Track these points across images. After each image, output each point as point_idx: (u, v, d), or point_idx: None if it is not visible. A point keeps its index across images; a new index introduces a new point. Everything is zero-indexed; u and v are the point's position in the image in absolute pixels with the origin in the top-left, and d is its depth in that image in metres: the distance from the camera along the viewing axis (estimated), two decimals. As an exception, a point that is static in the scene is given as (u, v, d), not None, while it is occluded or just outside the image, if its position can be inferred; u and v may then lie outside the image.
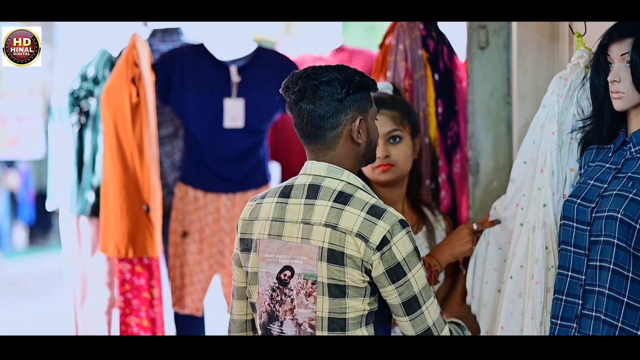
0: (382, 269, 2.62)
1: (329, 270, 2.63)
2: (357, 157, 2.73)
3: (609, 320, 2.78)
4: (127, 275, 4.32)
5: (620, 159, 2.89)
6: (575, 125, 3.06)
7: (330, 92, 2.66)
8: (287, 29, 8.28)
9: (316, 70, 2.70)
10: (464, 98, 3.77)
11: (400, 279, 2.63)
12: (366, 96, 2.71)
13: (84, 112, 4.60)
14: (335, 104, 2.67)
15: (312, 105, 2.67)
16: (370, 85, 2.72)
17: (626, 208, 2.75)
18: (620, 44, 2.81)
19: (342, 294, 2.64)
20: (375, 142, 2.76)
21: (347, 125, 2.69)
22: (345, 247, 2.62)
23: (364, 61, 4.74)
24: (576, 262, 2.89)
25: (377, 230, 2.61)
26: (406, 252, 2.63)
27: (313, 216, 2.66)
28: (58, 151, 4.77)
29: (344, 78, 2.67)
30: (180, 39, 4.64)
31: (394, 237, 2.62)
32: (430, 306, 2.67)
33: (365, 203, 2.64)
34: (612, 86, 2.84)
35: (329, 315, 2.64)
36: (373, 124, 2.75)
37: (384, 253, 2.61)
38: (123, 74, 4.26)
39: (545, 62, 3.53)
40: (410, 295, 2.64)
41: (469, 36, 3.69)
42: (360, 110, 2.69)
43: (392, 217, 2.63)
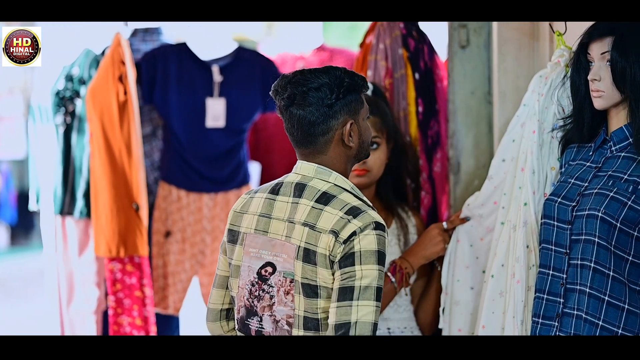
0: (339, 257, 2.60)
1: (303, 270, 2.64)
2: (349, 158, 2.72)
3: (590, 318, 2.78)
4: (118, 275, 4.31)
5: (600, 157, 2.89)
6: (555, 124, 3.06)
7: (320, 98, 2.65)
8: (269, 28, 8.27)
9: (305, 75, 2.68)
10: (445, 97, 3.77)
11: (347, 267, 2.59)
12: (356, 98, 2.69)
13: (70, 112, 4.58)
14: (325, 109, 2.65)
15: (302, 112, 2.66)
16: (361, 85, 2.71)
17: (607, 207, 2.76)
18: (601, 42, 2.82)
19: (315, 295, 2.63)
20: (368, 141, 2.75)
21: (338, 130, 2.68)
22: (318, 245, 2.62)
23: (345, 60, 4.75)
24: (557, 261, 2.89)
25: (348, 226, 2.60)
26: (366, 247, 2.59)
27: (296, 215, 2.67)
28: (40, 151, 4.75)
29: (333, 82, 2.65)
30: (160, 39, 4.63)
31: (361, 234, 2.60)
32: (363, 307, 2.57)
33: (346, 204, 2.64)
34: (593, 85, 2.85)
35: (304, 315, 2.64)
36: (364, 123, 2.73)
37: (347, 244, 2.59)
38: (109, 72, 4.24)
39: (526, 61, 3.53)
40: (348, 284, 2.58)
41: (449, 35, 3.69)
42: (351, 114, 2.68)
43: (369, 218, 2.62)
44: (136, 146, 4.26)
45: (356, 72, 2.71)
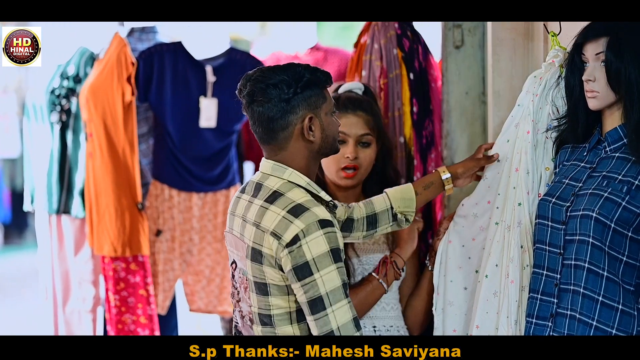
0: (290, 266, 2.62)
1: (253, 268, 2.69)
2: (312, 153, 2.75)
3: (584, 319, 2.78)
4: (122, 274, 4.32)
5: (595, 158, 2.89)
6: (550, 124, 3.06)
7: (278, 94, 2.69)
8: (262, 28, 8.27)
9: (264, 72, 2.72)
10: (439, 97, 3.77)
11: (306, 278, 2.61)
12: (317, 93, 2.73)
13: (65, 110, 4.57)
14: (283, 105, 2.70)
15: (261, 108, 2.71)
16: (324, 80, 2.75)
17: (601, 207, 2.76)
18: (595, 43, 2.82)
19: (266, 292, 2.68)
20: (334, 136, 2.78)
21: (298, 125, 2.72)
22: (262, 245, 2.66)
23: (339, 60, 4.75)
24: (551, 261, 2.90)
25: (290, 228, 2.62)
26: (318, 252, 2.61)
27: (249, 214, 2.72)
28: (35, 150, 4.75)
29: (292, 78, 2.69)
30: (156, 38, 4.63)
31: (307, 236, 2.61)
32: (338, 310, 2.61)
33: (291, 202, 2.66)
34: (587, 85, 2.85)
35: (259, 311, 2.70)
36: (329, 118, 2.77)
37: (292, 251, 2.61)
38: (114, 72, 4.24)
39: (520, 61, 3.53)
40: (316, 295, 2.60)
41: (444, 35, 3.69)
42: (310, 108, 2.72)
43: (311, 217, 2.63)
44: (137, 146, 4.27)
45: (320, 68, 2.77)
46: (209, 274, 4.52)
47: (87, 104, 4.27)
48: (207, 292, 4.55)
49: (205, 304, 4.53)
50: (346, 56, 4.69)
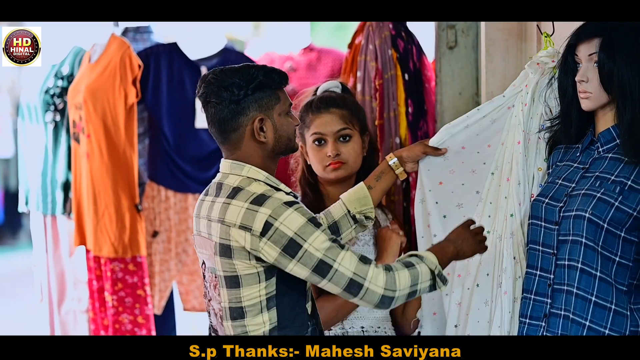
0: (276, 251, 2.66)
1: (222, 264, 2.72)
2: (266, 153, 2.79)
3: (577, 319, 2.79)
4: (120, 274, 4.32)
5: (588, 158, 2.90)
6: (543, 125, 3.06)
7: (228, 96, 2.74)
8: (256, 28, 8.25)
9: (217, 74, 2.77)
10: (433, 98, 3.78)
11: (298, 252, 2.65)
12: (269, 94, 2.77)
13: (59, 110, 4.57)
14: (234, 106, 2.75)
15: (213, 109, 2.77)
16: (278, 81, 2.79)
17: (594, 207, 2.77)
18: (588, 44, 2.82)
19: (237, 285, 2.71)
20: (288, 136, 2.82)
21: (249, 126, 2.76)
22: (230, 240, 2.69)
23: (333, 60, 4.74)
24: (544, 262, 2.90)
25: (258, 217, 2.66)
26: (297, 225, 2.65)
27: (212, 213, 2.75)
28: (29, 150, 4.75)
29: (243, 80, 2.74)
30: (151, 38, 4.63)
31: (278, 218, 2.65)
32: (343, 260, 2.66)
33: (252, 194, 2.70)
34: (580, 86, 2.85)
35: (229, 306, 2.73)
36: (283, 118, 2.80)
37: (270, 237, 2.65)
38: (117, 74, 4.24)
39: (513, 62, 3.54)
40: (315, 261, 2.65)
41: (437, 36, 3.70)
42: (261, 109, 2.76)
43: (275, 201, 2.67)
44: (137, 148, 4.29)
45: (276, 69, 2.81)
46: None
47: (85, 104, 4.27)
48: (202, 291, 4.54)
49: (200, 303, 4.53)
50: (340, 56, 4.68)
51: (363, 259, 2.67)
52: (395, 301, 2.67)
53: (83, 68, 4.45)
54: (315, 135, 3.28)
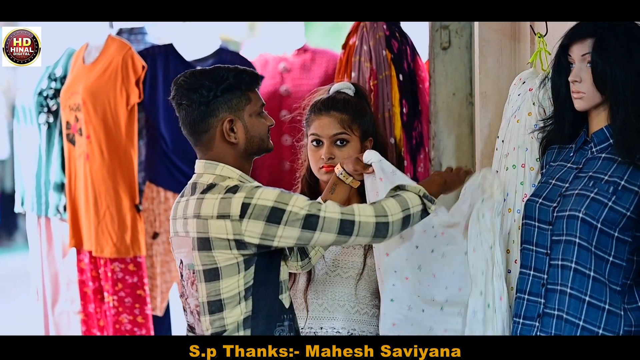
0: (261, 225, 2.68)
1: (201, 257, 2.73)
2: (239, 153, 2.82)
3: (571, 319, 2.79)
4: (120, 275, 4.32)
5: (581, 158, 2.90)
6: (536, 125, 3.07)
7: (197, 98, 2.77)
8: (251, 29, 8.26)
9: (188, 76, 2.80)
10: (427, 98, 3.78)
11: (282, 216, 2.68)
12: (239, 95, 2.79)
13: (52, 112, 4.58)
14: (203, 108, 2.77)
15: (184, 111, 2.80)
16: (248, 81, 2.81)
17: (587, 207, 2.77)
18: (581, 44, 2.83)
19: (217, 277, 2.72)
20: (260, 136, 2.84)
21: (218, 127, 2.79)
22: (209, 232, 2.71)
23: (327, 61, 4.74)
24: (538, 261, 2.90)
25: (233, 202, 2.69)
26: (273, 195, 2.69)
27: (188, 211, 2.77)
28: (24, 152, 4.75)
29: (213, 81, 2.76)
30: (145, 39, 4.63)
31: (253, 197, 2.69)
32: (327, 208, 2.70)
33: (225, 187, 2.74)
34: (573, 86, 2.85)
35: (207, 300, 2.74)
36: (254, 119, 2.83)
37: (250, 214, 2.68)
38: (118, 75, 4.25)
39: (507, 63, 3.54)
40: (303, 217, 2.68)
41: (431, 37, 3.70)
42: (231, 111, 2.79)
43: (248, 187, 2.72)
44: (137, 148, 4.30)
45: (248, 70, 2.83)
46: None
47: (84, 105, 4.27)
48: None
49: None
50: (334, 57, 4.68)
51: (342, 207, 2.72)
52: (392, 227, 2.71)
53: (77, 69, 4.44)
54: (313, 136, 3.27)
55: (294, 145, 4.71)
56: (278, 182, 4.75)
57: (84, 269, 4.47)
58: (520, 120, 3.13)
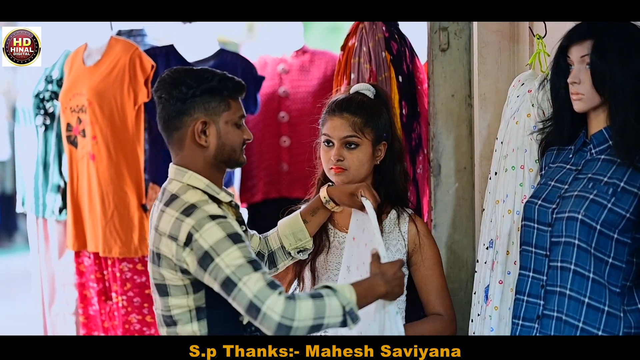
0: (194, 263, 2.63)
1: (153, 271, 2.73)
2: (208, 159, 2.77)
3: (570, 320, 2.79)
4: (128, 275, 4.33)
5: (580, 160, 2.90)
6: (535, 127, 3.07)
7: (176, 94, 2.72)
8: (250, 30, 8.24)
9: (172, 72, 2.77)
10: (426, 100, 3.78)
11: (209, 265, 2.61)
12: (218, 100, 2.74)
13: (49, 114, 4.58)
14: (179, 105, 2.73)
15: (161, 106, 2.76)
16: (232, 89, 2.77)
17: (587, 209, 2.77)
18: (580, 45, 2.83)
19: (166, 293, 2.70)
20: (232, 146, 2.78)
21: (191, 127, 2.74)
22: (160, 248, 2.69)
23: (326, 62, 4.74)
24: (537, 263, 2.90)
25: (183, 227, 2.65)
26: (214, 239, 2.61)
27: (153, 219, 2.76)
28: (24, 153, 4.76)
29: (195, 80, 2.72)
30: (145, 40, 4.63)
31: (199, 230, 2.62)
32: (249, 281, 2.57)
33: (184, 203, 2.69)
34: (572, 88, 2.85)
35: (162, 313, 2.73)
36: (230, 128, 2.77)
37: (192, 248, 2.63)
38: (125, 75, 4.25)
39: (506, 64, 3.54)
40: (224, 277, 2.59)
41: (430, 38, 3.70)
42: (207, 114, 2.73)
43: (201, 214, 2.65)
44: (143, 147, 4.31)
45: (234, 78, 2.78)
46: None
47: (90, 106, 4.27)
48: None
49: None
50: (333, 58, 4.68)
51: (272, 284, 2.59)
52: (295, 331, 2.57)
53: (76, 71, 4.43)
54: (324, 137, 3.24)
55: (292, 147, 4.74)
56: (276, 183, 4.75)
57: (84, 271, 4.47)
58: (520, 122, 3.13)
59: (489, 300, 3.16)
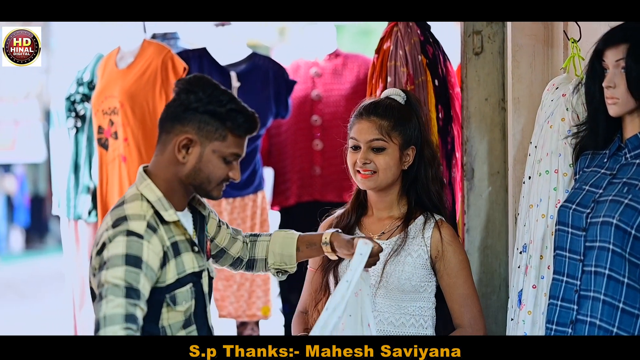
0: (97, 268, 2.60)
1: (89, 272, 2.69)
2: (180, 175, 2.70)
3: (605, 325, 2.78)
4: None
5: (615, 164, 2.89)
6: (569, 131, 3.06)
7: (183, 99, 2.66)
8: (281, 34, 8.24)
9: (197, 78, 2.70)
10: (458, 103, 3.78)
11: (100, 272, 2.57)
12: (217, 127, 2.67)
13: (80, 116, 4.61)
14: (179, 110, 2.66)
15: (170, 102, 2.69)
16: (239, 123, 2.69)
17: (621, 214, 2.76)
18: (615, 49, 2.82)
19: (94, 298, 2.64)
20: (210, 178, 2.71)
21: (178, 138, 2.67)
22: (91, 254, 2.66)
23: (359, 66, 4.74)
24: (571, 268, 2.89)
25: (103, 236, 2.61)
26: (113, 253, 2.56)
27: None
28: (58, 156, 4.80)
29: (207, 96, 2.65)
30: (178, 44, 4.66)
31: (112, 241, 2.58)
32: (111, 302, 2.52)
33: (121, 215, 2.64)
34: (607, 92, 2.84)
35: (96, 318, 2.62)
36: (216, 158, 2.69)
37: (101, 256, 2.59)
38: (157, 78, 4.28)
39: (540, 68, 3.53)
40: (100, 288, 2.56)
41: (463, 42, 3.70)
42: (198, 132, 2.66)
43: (123, 227, 2.60)
44: None
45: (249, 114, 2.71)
46: (239, 278, 4.53)
47: (122, 108, 4.30)
48: (237, 296, 4.55)
49: (235, 309, 4.54)
50: (366, 62, 4.68)
51: (128, 317, 2.53)
52: None
53: (109, 73, 4.47)
54: (351, 141, 3.22)
55: (325, 150, 4.74)
56: (309, 187, 4.75)
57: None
58: (554, 126, 3.13)
59: (523, 304, 3.15)
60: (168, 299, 2.69)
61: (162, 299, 2.68)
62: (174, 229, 2.71)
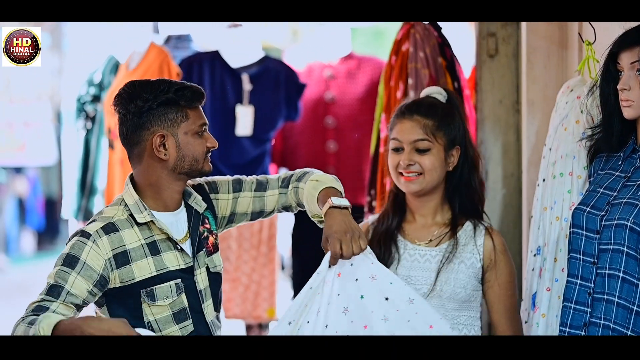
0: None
1: None
2: (166, 171, 2.76)
3: (619, 328, 2.77)
4: None
5: (630, 167, 2.88)
6: (584, 133, 3.06)
7: (132, 109, 2.70)
8: (294, 35, 8.23)
9: (129, 86, 2.74)
10: (468, 105, 3.77)
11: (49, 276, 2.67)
12: (175, 110, 2.72)
13: (90, 117, 4.63)
14: (136, 119, 2.71)
15: (120, 122, 2.74)
16: (190, 98, 2.74)
17: (636, 216, 2.75)
18: (630, 52, 2.81)
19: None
20: (194, 156, 2.76)
21: (149, 141, 2.72)
22: None
23: (373, 68, 4.73)
24: (585, 270, 2.88)
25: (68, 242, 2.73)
26: (61, 252, 2.69)
27: None
28: (69, 157, 4.81)
29: (151, 93, 2.70)
30: (191, 46, 4.68)
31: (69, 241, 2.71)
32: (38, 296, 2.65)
33: (96, 214, 2.76)
34: (622, 94, 2.84)
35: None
36: (189, 138, 2.74)
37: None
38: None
39: (554, 70, 3.53)
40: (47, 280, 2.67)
41: (478, 44, 3.70)
42: (164, 126, 2.71)
43: (85, 227, 2.71)
44: None
45: (193, 86, 2.75)
46: (246, 280, 4.53)
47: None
48: (244, 298, 4.56)
49: (241, 310, 4.55)
50: (380, 64, 4.67)
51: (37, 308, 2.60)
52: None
53: (121, 75, 4.50)
54: (393, 142, 3.11)
55: (339, 152, 4.74)
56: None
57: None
58: (568, 128, 3.13)
59: (536, 307, 3.15)
60: (144, 295, 2.74)
61: (138, 295, 2.74)
62: (153, 229, 2.76)
